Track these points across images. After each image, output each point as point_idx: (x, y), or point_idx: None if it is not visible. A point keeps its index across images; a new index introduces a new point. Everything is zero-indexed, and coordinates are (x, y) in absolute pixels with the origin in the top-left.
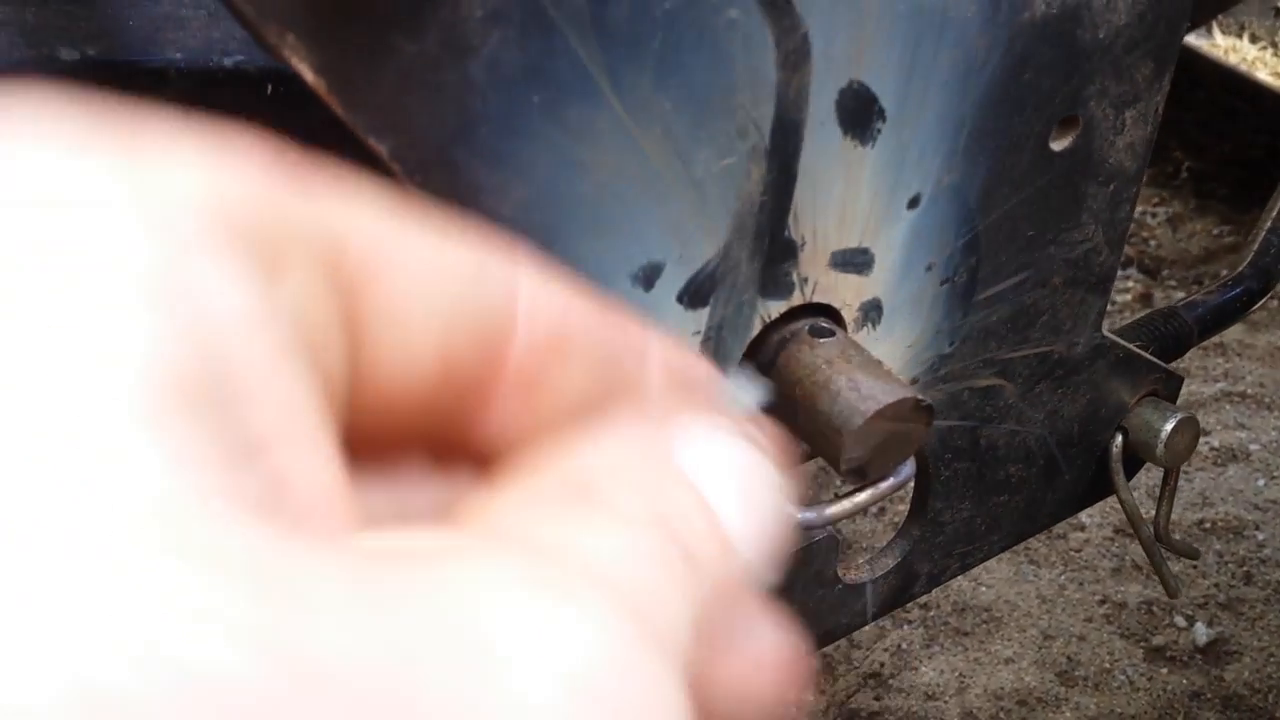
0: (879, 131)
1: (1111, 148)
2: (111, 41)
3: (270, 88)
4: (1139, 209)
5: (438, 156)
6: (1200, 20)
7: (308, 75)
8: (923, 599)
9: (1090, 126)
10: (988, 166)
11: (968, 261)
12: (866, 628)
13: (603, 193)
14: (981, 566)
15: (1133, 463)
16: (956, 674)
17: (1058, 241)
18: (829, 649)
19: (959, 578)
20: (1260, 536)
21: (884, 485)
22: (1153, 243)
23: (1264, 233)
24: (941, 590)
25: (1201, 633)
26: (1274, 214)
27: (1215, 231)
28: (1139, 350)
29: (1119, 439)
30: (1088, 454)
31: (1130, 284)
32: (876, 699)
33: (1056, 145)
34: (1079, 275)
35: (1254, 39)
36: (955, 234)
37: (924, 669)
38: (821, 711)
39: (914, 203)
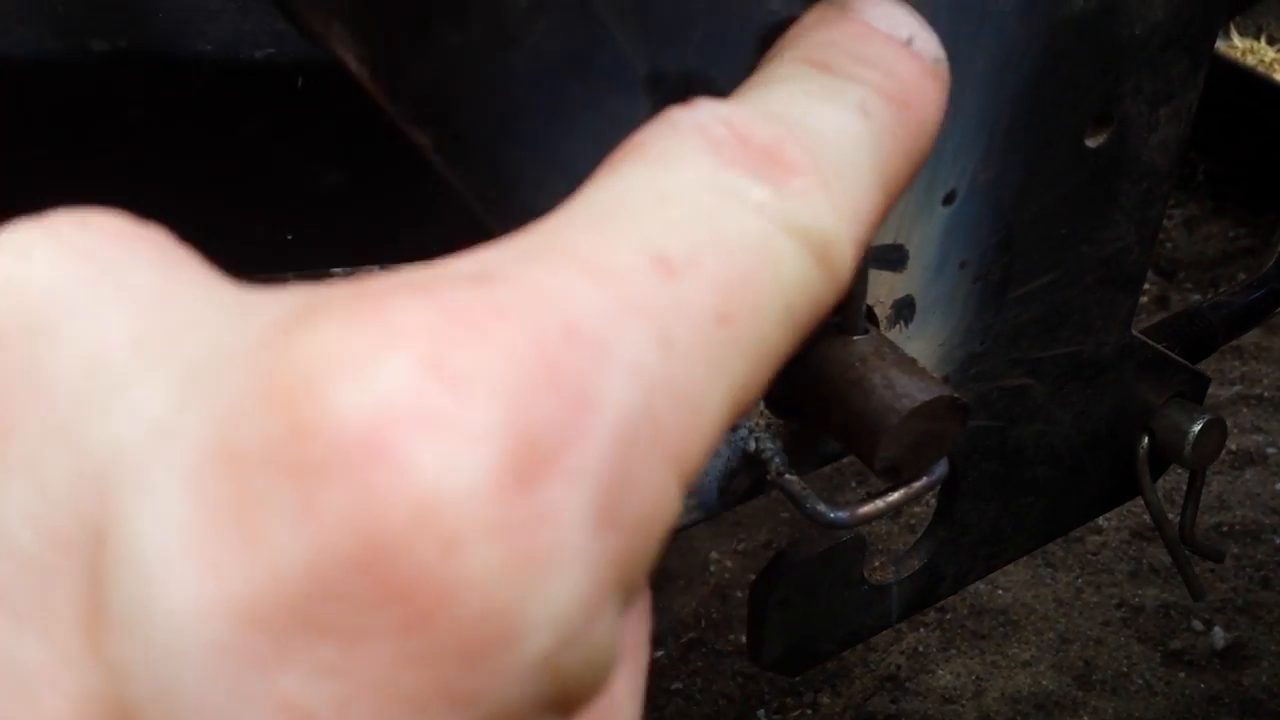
0: None
1: (1145, 145)
2: (142, 33)
3: (301, 81)
4: None
5: (480, 148)
6: (1225, 18)
7: (352, 64)
8: (940, 602)
9: (1125, 124)
10: (1023, 163)
11: (1001, 259)
12: (884, 631)
13: None
14: (999, 570)
15: (1158, 464)
16: (973, 677)
17: (1090, 240)
18: (845, 652)
19: (977, 581)
20: (1278, 540)
21: (917, 485)
22: (1169, 245)
23: None
24: (958, 593)
25: (1219, 637)
26: None
27: (1231, 234)
28: (1167, 350)
29: (1145, 440)
30: (1114, 455)
31: (1147, 286)
32: (893, 702)
33: (1091, 142)
34: (1110, 274)
35: (1271, 40)
36: (989, 231)
37: (941, 672)
38: (838, 714)
39: (949, 199)
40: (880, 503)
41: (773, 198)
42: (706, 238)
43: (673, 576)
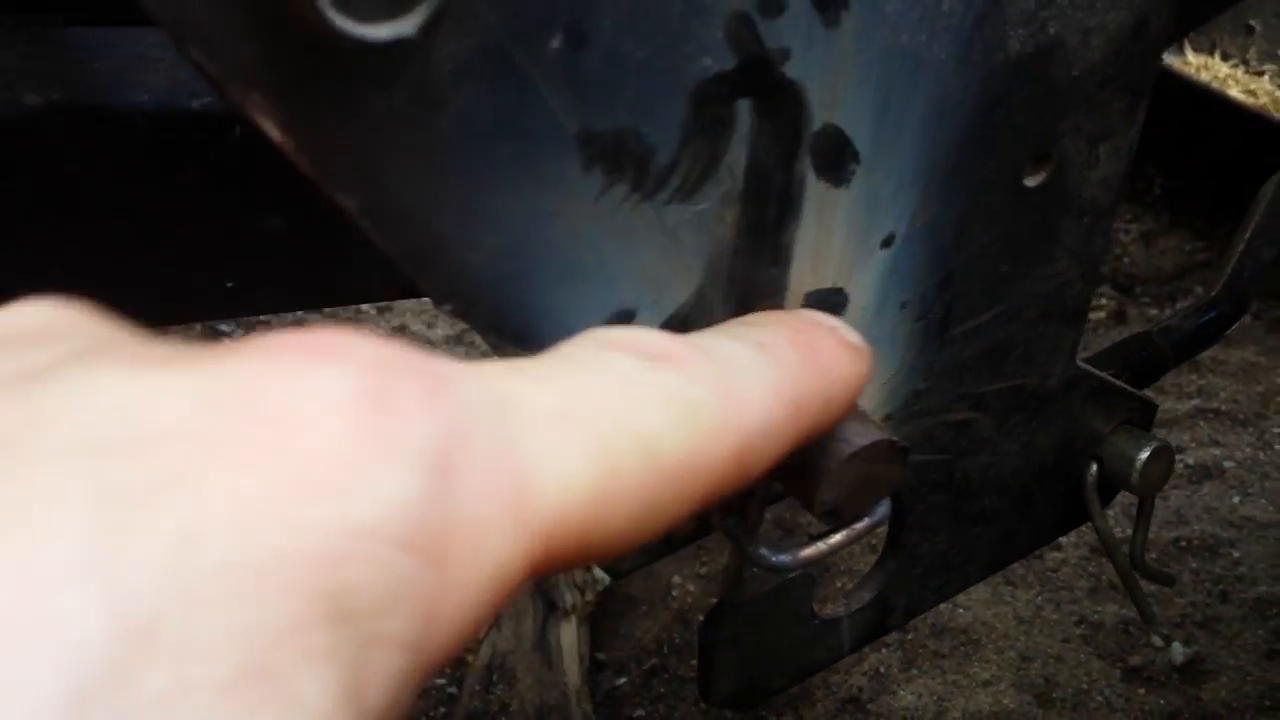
0: (853, 173)
1: (1085, 182)
2: (76, 84)
3: (239, 129)
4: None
5: (407, 211)
6: (1174, 36)
7: (273, 133)
8: (891, 632)
9: (1064, 163)
10: (962, 205)
11: (941, 298)
12: None
13: (575, 241)
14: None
15: (1108, 490)
16: (935, 697)
17: (1032, 276)
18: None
19: None
20: (1236, 554)
21: (859, 526)
22: (1126, 259)
23: (1237, 256)
24: None
25: (1178, 652)
26: (1246, 237)
27: (1188, 248)
28: (1113, 379)
29: (1094, 468)
30: (1063, 483)
31: (1104, 301)
32: None
33: (1030, 182)
34: (1053, 308)
35: (1225, 56)
36: (929, 271)
37: (902, 693)
38: None
39: (888, 242)
40: (823, 545)
41: (645, 369)
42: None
43: (634, 602)
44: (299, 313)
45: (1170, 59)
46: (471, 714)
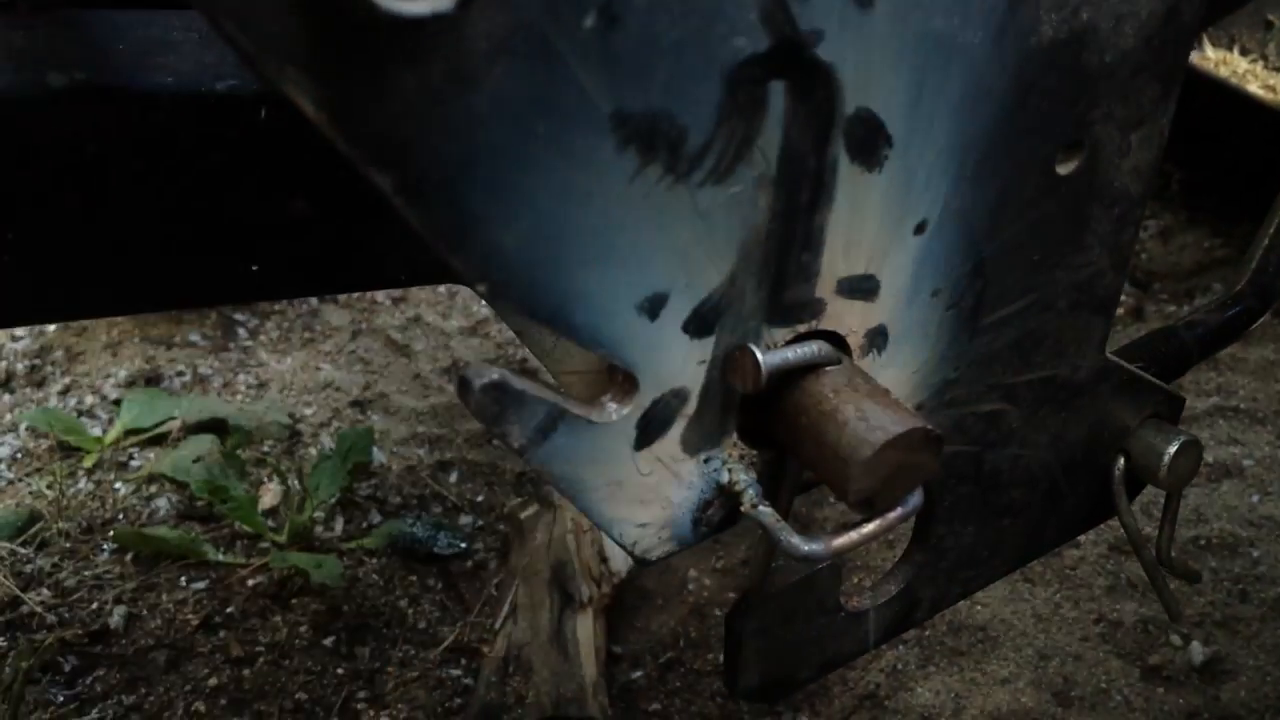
0: (886, 158)
1: (1117, 171)
2: (101, 66)
3: (264, 112)
4: None
5: (440, 189)
6: (1206, 23)
7: (308, 109)
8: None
9: (1096, 150)
10: (994, 192)
11: (974, 286)
12: None
13: (608, 223)
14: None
15: (1133, 485)
16: (953, 695)
17: (1063, 265)
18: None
19: None
20: (1255, 554)
21: (892, 516)
22: (1144, 255)
23: (1261, 251)
24: None
25: (1198, 651)
26: (1271, 232)
27: (1206, 244)
28: (1142, 372)
29: (1121, 462)
30: (1090, 477)
31: (1122, 297)
32: None
33: (1062, 169)
34: (1083, 298)
35: (1244, 51)
36: (961, 259)
37: (920, 690)
38: None
39: (920, 228)
40: (855, 534)
41: None
42: None
43: (650, 595)
44: (315, 298)
45: (1186, 68)
46: (487, 705)
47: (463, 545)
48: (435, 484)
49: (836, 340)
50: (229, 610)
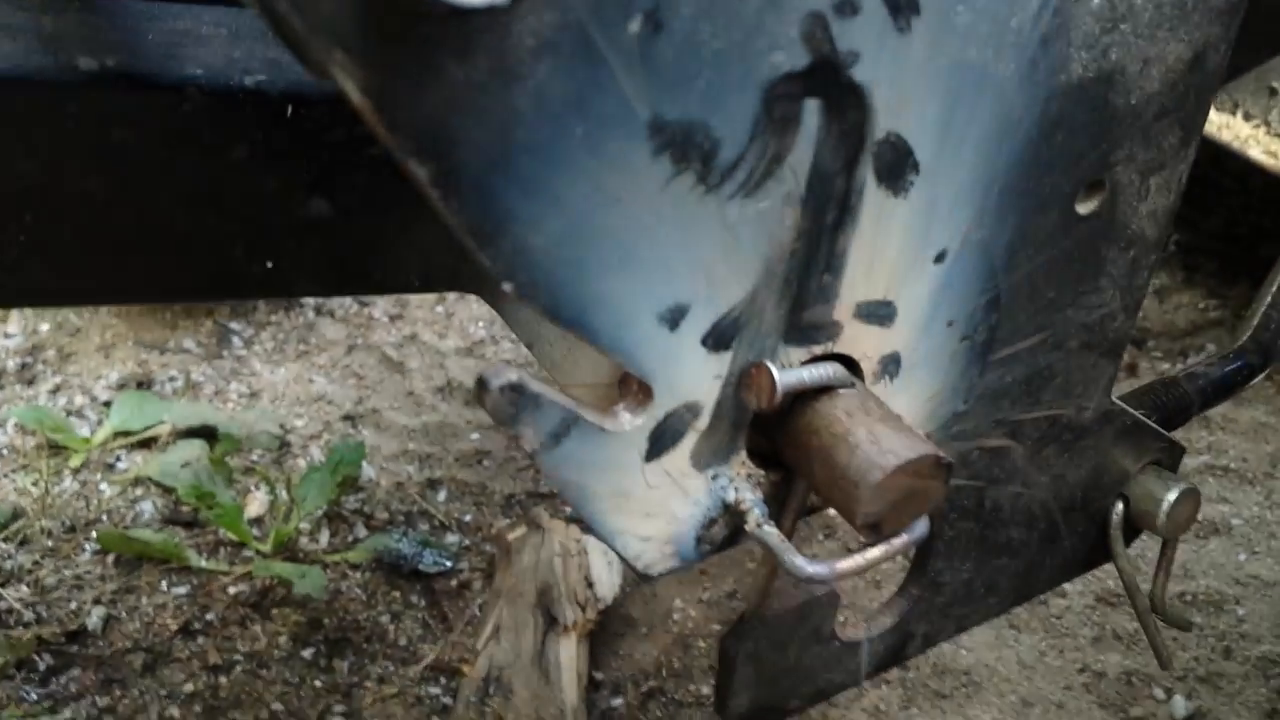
0: (912, 184)
1: (1135, 214)
2: (130, 54)
3: (291, 109)
4: None
5: (476, 183)
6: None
7: (354, 94)
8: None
9: (1116, 191)
10: (1015, 225)
11: (988, 320)
12: None
13: (636, 230)
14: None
15: (1129, 532)
16: None
17: (1076, 305)
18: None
19: None
20: (1241, 611)
21: (898, 542)
22: (1140, 314)
23: (1264, 307)
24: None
25: (1180, 706)
26: (1274, 289)
27: (1201, 305)
28: (1145, 418)
29: (1120, 507)
30: (1088, 520)
31: None
32: None
33: (1083, 208)
34: (1094, 340)
35: (1248, 117)
36: (978, 291)
37: None
38: None
39: (940, 258)
40: (860, 558)
41: None
42: None
43: (635, 623)
44: (313, 312)
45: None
46: None
47: (448, 564)
48: (423, 501)
49: (851, 364)
50: (209, 617)
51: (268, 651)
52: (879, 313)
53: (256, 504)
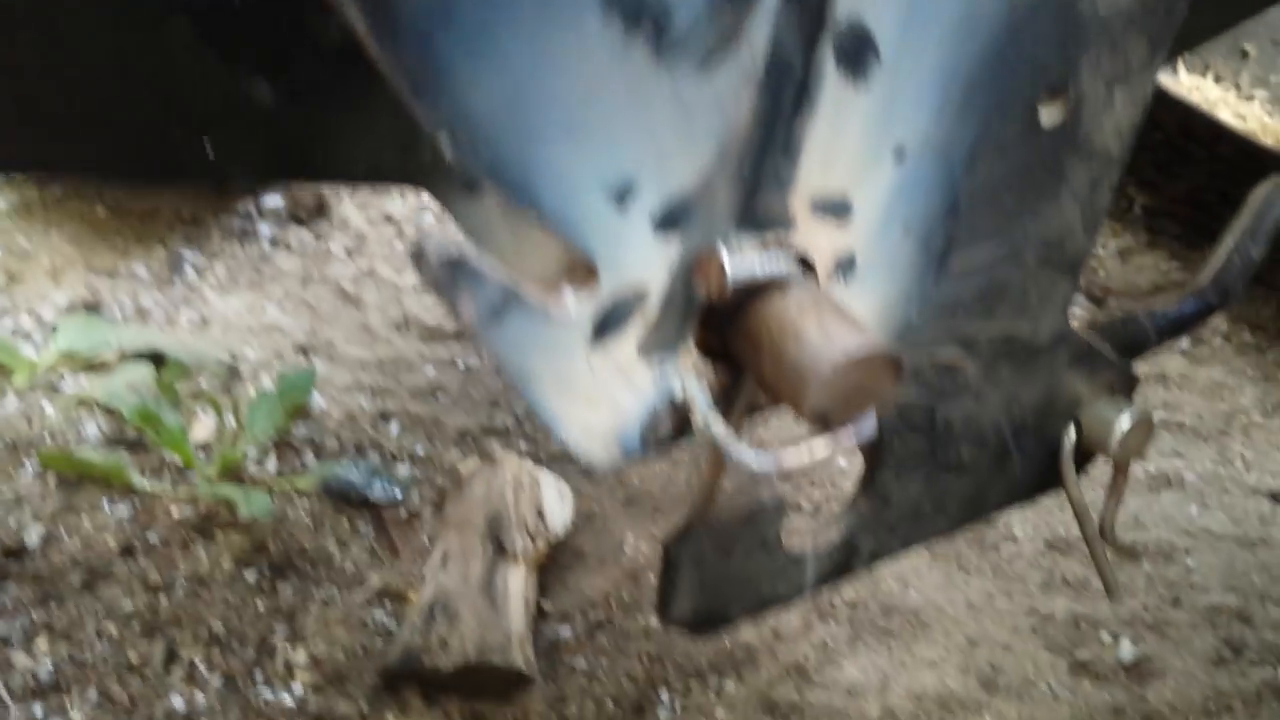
0: (873, 74)
1: (1098, 126)
2: None
3: None
4: None
5: (416, 35)
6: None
7: None
8: (851, 597)
9: (1080, 99)
10: (976, 127)
11: (946, 226)
12: (793, 621)
13: (584, 96)
14: (911, 569)
15: (1082, 459)
16: (879, 673)
17: (1036, 218)
18: (753, 638)
19: (888, 579)
20: (1190, 562)
21: (844, 436)
22: (1102, 273)
23: (1226, 250)
24: (870, 590)
25: (1127, 650)
26: (1237, 232)
27: (1164, 267)
28: (1101, 343)
29: (1072, 431)
30: (1040, 444)
31: (1078, 311)
32: (798, 692)
33: (1046, 116)
34: (1052, 256)
35: (1218, 79)
36: (937, 195)
37: (847, 666)
38: (742, 701)
39: (900, 155)
40: (806, 451)
41: None
42: None
43: (585, 556)
44: (268, 243)
45: (1162, 79)
46: (409, 648)
47: (398, 494)
48: (375, 433)
49: (804, 261)
50: (150, 538)
51: (210, 573)
52: (835, 207)
53: (203, 429)
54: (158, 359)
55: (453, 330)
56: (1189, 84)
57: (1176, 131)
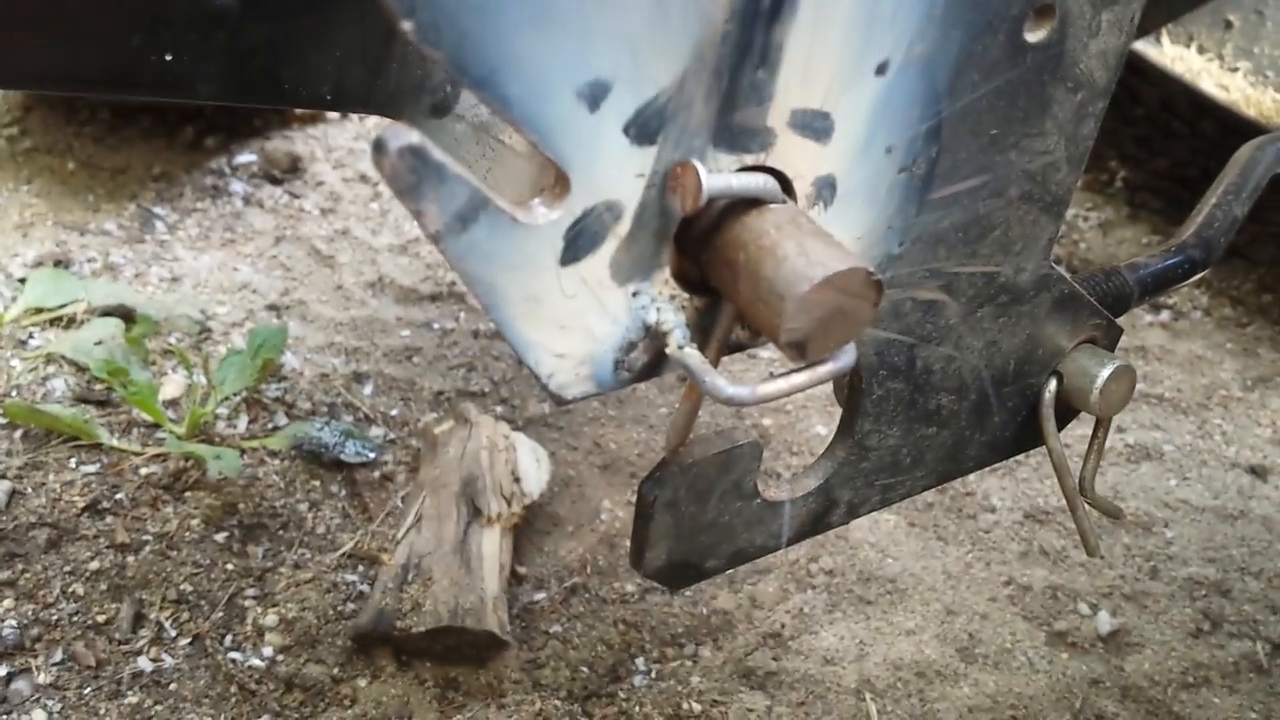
0: None
1: (1084, 51)
2: None
3: None
4: (1071, 211)
5: None
6: (1153, 27)
7: None
8: (829, 566)
9: (1066, 20)
10: (960, 43)
11: (928, 151)
12: (770, 589)
13: None
14: (890, 538)
15: (1063, 412)
16: (857, 641)
17: (1019, 147)
18: (729, 605)
19: (866, 547)
20: (1169, 534)
21: (822, 369)
22: (1083, 245)
23: (1209, 206)
24: (848, 558)
25: (1104, 621)
26: (1220, 190)
27: (1145, 240)
28: (1083, 289)
29: (1053, 384)
30: (1020, 396)
31: None
32: (774, 659)
33: (1031, 35)
34: (1036, 191)
35: (1201, 50)
36: (920, 116)
37: (824, 634)
38: (718, 667)
39: (882, 69)
40: (784, 382)
41: None
42: None
43: (561, 521)
44: (240, 201)
45: (1146, 50)
46: (382, 610)
47: (371, 455)
48: (348, 394)
49: (783, 182)
50: (118, 496)
51: (179, 533)
52: (815, 124)
53: (173, 386)
54: (127, 315)
55: (428, 292)
56: (1172, 54)
57: (1159, 106)
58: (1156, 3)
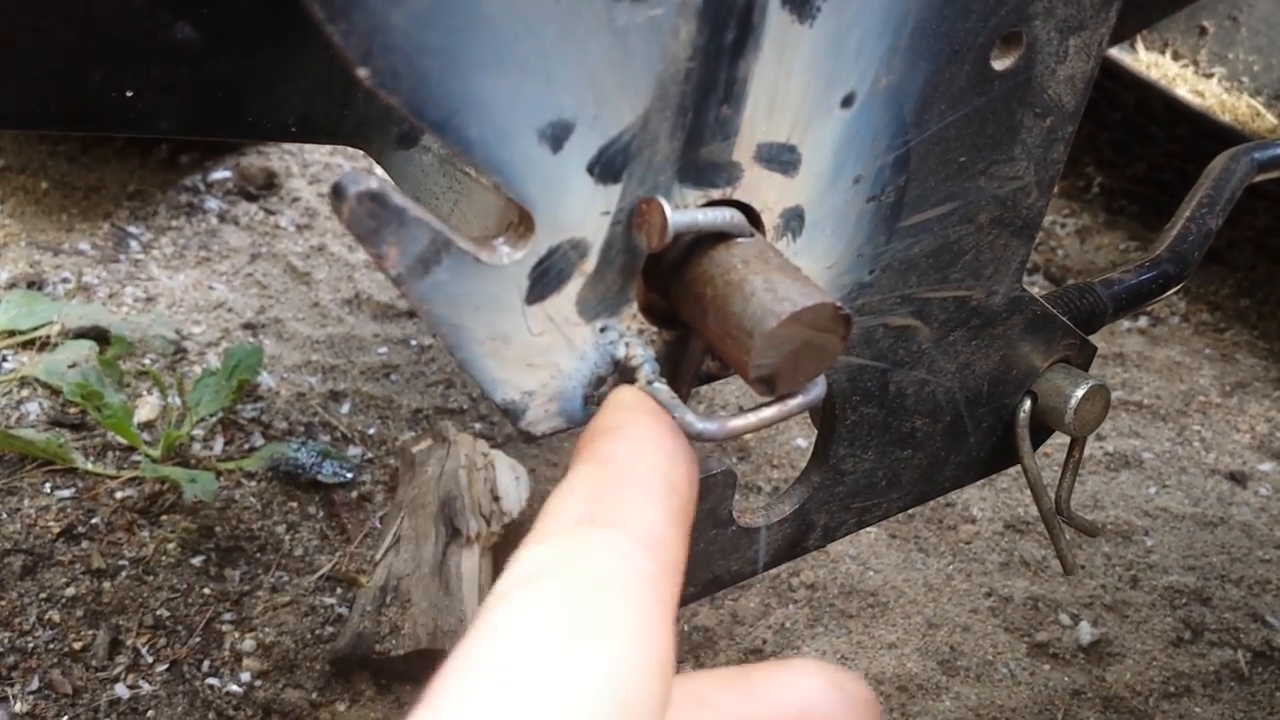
0: (819, 10)
1: (1052, 76)
2: None
3: None
4: (1049, 218)
5: None
6: (1128, 33)
7: None
8: (810, 579)
9: (1033, 48)
10: (927, 74)
11: (897, 180)
12: (751, 604)
13: (512, 21)
14: (870, 551)
15: (1039, 432)
16: (839, 656)
17: (988, 173)
18: (711, 621)
19: (847, 560)
20: (1149, 543)
21: (792, 402)
22: (1060, 252)
23: (1183, 220)
24: (829, 572)
25: (1085, 632)
26: (1194, 202)
27: (1122, 246)
28: (1055, 310)
29: (1027, 403)
30: (995, 416)
31: (1035, 290)
32: None
33: (998, 63)
34: (1006, 215)
35: (1176, 56)
36: (887, 145)
37: (807, 649)
38: None
39: (848, 101)
40: (754, 417)
41: None
42: None
43: None
44: (215, 218)
45: (1121, 56)
46: (360, 634)
47: (349, 475)
48: (325, 413)
49: (751, 215)
50: (94, 521)
51: (155, 558)
52: (782, 158)
53: (148, 408)
54: (101, 336)
55: (406, 308)
56: (1147, 60)
57: (1135, 111)
58: (1131, 8)
